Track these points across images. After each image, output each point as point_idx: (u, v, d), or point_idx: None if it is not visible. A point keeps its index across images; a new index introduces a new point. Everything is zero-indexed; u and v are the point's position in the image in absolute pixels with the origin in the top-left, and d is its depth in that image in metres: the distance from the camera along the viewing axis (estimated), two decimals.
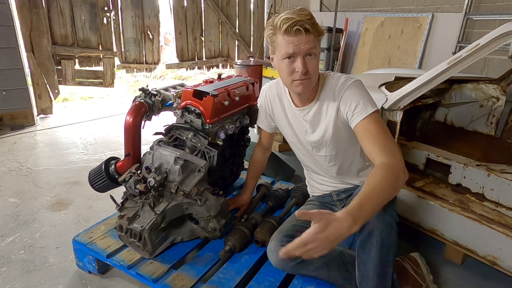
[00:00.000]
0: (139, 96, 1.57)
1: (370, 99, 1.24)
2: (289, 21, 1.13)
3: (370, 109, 1.20)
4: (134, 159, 1.54)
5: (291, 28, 1.13)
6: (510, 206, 1.55)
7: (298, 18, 1.13)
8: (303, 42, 1.15)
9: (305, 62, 1.18)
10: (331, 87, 1.30)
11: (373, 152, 1.15)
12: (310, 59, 1.19)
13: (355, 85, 1.26)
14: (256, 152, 1.71)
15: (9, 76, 3.24)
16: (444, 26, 3.60)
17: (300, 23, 1.12)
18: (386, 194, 1.02)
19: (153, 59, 4.77)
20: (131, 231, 1.34)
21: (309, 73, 1.20)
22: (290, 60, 1.19)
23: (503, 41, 1.39)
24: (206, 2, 5.00)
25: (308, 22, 1.13)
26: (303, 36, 1.14)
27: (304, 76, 1.20)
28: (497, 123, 2.03)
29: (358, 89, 1.26)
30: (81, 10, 4.01)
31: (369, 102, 1.22)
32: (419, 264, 1.45)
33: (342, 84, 1.27)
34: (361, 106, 1.21)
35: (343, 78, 1.29)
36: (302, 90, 1.25)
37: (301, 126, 1.42)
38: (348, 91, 1.25)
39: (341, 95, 1.26)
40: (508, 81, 2.01)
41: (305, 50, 1.16)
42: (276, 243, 1.29)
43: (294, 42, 1.15)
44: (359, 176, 1.47)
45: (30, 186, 2.34)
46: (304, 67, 1.18)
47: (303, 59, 1.18)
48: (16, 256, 1.65)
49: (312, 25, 1.14)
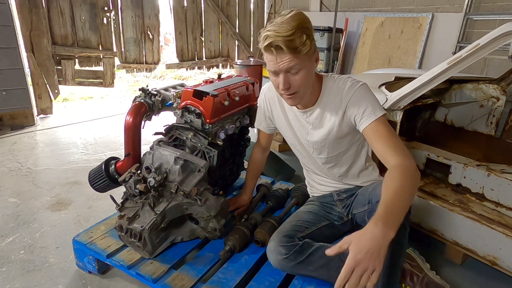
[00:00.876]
0: (139, 96, 1.57)
1: (378, 102, 1.25)
2: (266, 39, 1.09)
3: (379, 113, 1.21)
4: (134, 159, 1.54)
5: (267, 47, 1.11)
6: (510, 206, 1.55)
7: (274, 36, 1.07)
8: (280, 61, 1.12)
9: (287, 79, 1.16)
10: (337, 90, 1.29)
11: (385, 153, 1.14)
12: (292, 75, 1.16)
13: (362, 88, 1.26)
14: (254, 152, 1.71)
15: (9, 76, 3.24)
16: (444, 26, 3.60)
17: (276, 42, 1.07)
18: (408, 194, 1.00)
19: (153, 59, 4.77)
20: (131, 231, 1.34)
21: (292, 88, 1.18)
22: (275, 75, 1.19)
23: (503, 41, 1.40)
24: (206, 2, 5.00)
25: (284, 41, 1.07)
26: (280, 55, 1.11)
27: (288, 91, 1.19)
28: (497, 123, 2.03)
29: (366, 93, 1.25)
30: (81, 10, 4.01)
31: (378, 106, 1.23)
32: (412, 257, 1.46)
33: (349, 88, 1.26)
34: (370, 109, 1.21)
35: (350, 81, 1.27)
36: (291, 103, 1.26)
37: (302, 128, 1.41)
38: (356, 95, 1.24)
39: (348, 98, 1.25)
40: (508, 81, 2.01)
41: (284, 68, 1.13)
42: (276, 243, 1.29)
43: (273, 60, 1.13)
44: (359, 178, 1.47)
45: (30, 186, 2.34)
46: (286, 83, 1.16)
47: (285, 75, 1.15)
48: (16, 256, 1.65)
49: (289, 43, 1.07)
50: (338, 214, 1.49)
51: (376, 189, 1.25)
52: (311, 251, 1.27)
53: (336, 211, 1.49)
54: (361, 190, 1.43)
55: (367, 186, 1.43)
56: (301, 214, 1.47)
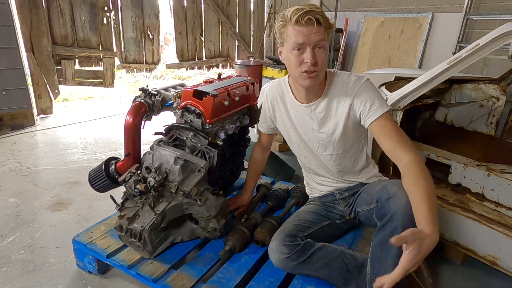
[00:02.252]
0: (139, 96, 1.57)
1: (383, 98, 1.27)
2: (300, 11, 1.14)
3: (385, 108, 1.22)
4: (134, 159, 1.54)
5: (302, 18, 1.13)
6: (510, 206, 1.55)
7: (309, 9, 1.14)
8: (313, 33, 1.15)
9: (314, 54, 1.18)
10: (341, 84, 1.30)
11: (395, 149, 1.17)
12: (319, 51, 1.19)
13: (368, 83, 1.28)
14: (255, 152, 1.71)
15: (9, 76, 3.24)
16: (444, 26, 3.60)
17: (312, 13, 1.14)
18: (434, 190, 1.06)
19: (153, 59, 4.77)
20: (131, 231, 1.34)
21: (317, 66, 1.20)
22: (299, 51, 1.19)
23: (503, 41, 1.40)
24: (206, 2, 5.00)
25: (320, 13, 1.15)
26: (314, 27, 1.14)
27: (313, 67, 1.19)
28: (497, 123, 2.03)
29: (372, 87, 1.27)
30: (81, 10, 4.01)
31: (383, 101, 1.25)
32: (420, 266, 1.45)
33: (355, 82, 1.28)
34: (376, 104, 1.23)
35: (354, 76, 1.30)
36: (309, 84, 1.25)
37: (305, 125, 1.41)
38: (363, 89, 1.26)
39: (355, 92, 1.27)
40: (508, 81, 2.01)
41: (315, 41, 1.16)
42: (278, 243, 1.29)
43: (305, 32, 1.15)
44: (360, 175, 1.48)
45: (30, 186, 2.34)
46: (313, 58, 1.18)
47: (313, 50, 1.17)
48: (16, 256, 1.65)
49: (323, 17, 1.15)
50: (339, 213, 1.49)
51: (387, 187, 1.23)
52: (313, 251, 1.27)
53: (337, 209, 1.49)
54: (365, 189, 1.43)
55: (371, 184, 1.43)
56: (303, 214, 1.47)
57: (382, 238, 1.16)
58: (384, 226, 1.15)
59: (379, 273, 1.14)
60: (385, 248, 1.14)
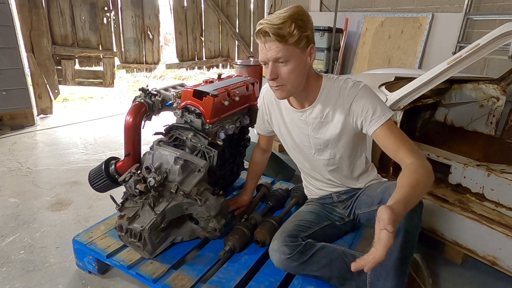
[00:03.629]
0: (139, 96, 1.57)
1: (384, 104, 1.24)
2: (259, 25, 1.13)
3: (388, 114, 1.20)
4: (134, 159, 1.54)
5: (257, 34, 1.14)
6: (510, 206, 1.55)
7: (265, 23, 1.11)
8: (268, 49, 1.13)
9: (275, 68, 1.16)
10: (338, 90, 1.27)
11: (400, 153, 1.14)
12: (281, 66, 1.16)
13: (366, 89, 1.24)
14: (255, 154, 1.70)
15: (9, 76, 3.24)
16: (444, 26, 3.60)
17: (263, 29, 1.11)
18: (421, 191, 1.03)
19: (153, 59, 4.77)
20: (131, 231, 1.34)
21: (280, 80, 1.18)
22: (265, 66, 1.19)
23: (503, 41, 1.39)
24: (206, 2, 5.00)
25: (272, 29, 1.09)
26: (267, 43, 1.13)
27: (274, 82, 1.19)
28: (497, 123, 2.03)
29: (371, 94, 1.24)
30: (81, 10, 4.01)
31: (385, 107, 1.22)
32: (420, 266, 1.45)
33: (352, 88, 1.24)
34: (378, 111, 1.19)
35: (351, 81, 1.26)
36: (278, 96, 1.25)
37: (299, 130, 1.39)
38: (362, 95, 1.22)
39: (352, 98, 1.23)
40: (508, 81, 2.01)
41: (272, 57, 1.14)
42: (280, 243, 1.28)
43: (263, 48, 1.15)
44: (359, 180, 1.45)
45: (30, 186, 2.34)
46: (272, 73, 1.16)
47: (273, 64, 1.16)
48: (16, 256, 1.65)
49: (277, 30, 1.09)
50: (339, 215, 1.48)
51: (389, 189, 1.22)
52: (314, 251, 1.27)
53: (337, 212, 1.49)
54: (365, 190, 1.42)
55: (371, 186, 1.42)
56: (303, 214, 1.46)
57: None
58: None
59: (380, 274, 1.15)
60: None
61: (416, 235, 1.14)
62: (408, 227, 1.10)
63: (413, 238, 1.12)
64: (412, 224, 1.11)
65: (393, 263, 1.11)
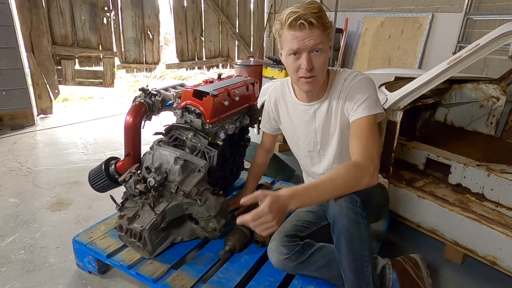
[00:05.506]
0: (139, 96, 1.57)
1: (378, 100, 1.23)
2: (293, 15, 1.10)
3: (375, 111, 1.19)
4: (134, 159, 1.54)
5: (295, 22, 1.10)
6: (510, 206, 1.55)
7: (303, 12, 1.09)
8: (307, 37, 1.11)
9: (310, 59, 1.15)
10: (340, 83, 1.28)
11: (354, 149, 1.17)
12: (316, 56, 1.15)
13: (363, 80, 1.24)
14: (258, 154, 1.69)
15: (9, 76, 3.23)
16: (444, 26, 3.60)
17: (305, 17, 1.08)
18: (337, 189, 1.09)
19: (153, 59, 4.77)
20: (131, 231, 1.34)
21: (314, 70, 1.17)
22: (296, 57, 1.16)
23: (503, 41, 1.39)
24: (206, 2, 5.00)
25: (314, 16, 1.09)
26: (307, 31, 1.10)
27: (310, 73, 1.17)
28: (497, 123, 2.03)
29: (368, 86, 1.23)
30: (81, 10, 4.01)
31: (377, 104, 1.21)
32: (419, 266, 1.45)
33: (352, 79, 1.25)
34: (366, 103, 1.20)
35: (354, 73, 1.27)
36: (308, 89, 1.24)
37: (306, 125, 1.39)
38: (356, 86, 1.23)
39: (348, 89, 1.25)
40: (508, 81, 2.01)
41: (310, 46, 1.13)
42: (278, 243, 1.28)
43: (299, 37, 1.12)
44: None
45: (30, 186, 2.34)
46: (309, 64, 1.15)
47: (308, 55, 1.14)
48: (16, 256, 1.65)
49: (318, 19, 1.10)
50: None
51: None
52: (312, 251, 1.27)
53: None
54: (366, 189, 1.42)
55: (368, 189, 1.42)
56: (302, 214, 1.46)
57: (335, 241, 1.19)
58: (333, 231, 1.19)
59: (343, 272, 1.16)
60: (339, 249, 1.16)
61: (361, 229, 1.13)
62: (348, 224, 1.12)
63: (357, 233, 1.12)
64: (350, 221, 1.12)
65: (345, 260, 1.13)
